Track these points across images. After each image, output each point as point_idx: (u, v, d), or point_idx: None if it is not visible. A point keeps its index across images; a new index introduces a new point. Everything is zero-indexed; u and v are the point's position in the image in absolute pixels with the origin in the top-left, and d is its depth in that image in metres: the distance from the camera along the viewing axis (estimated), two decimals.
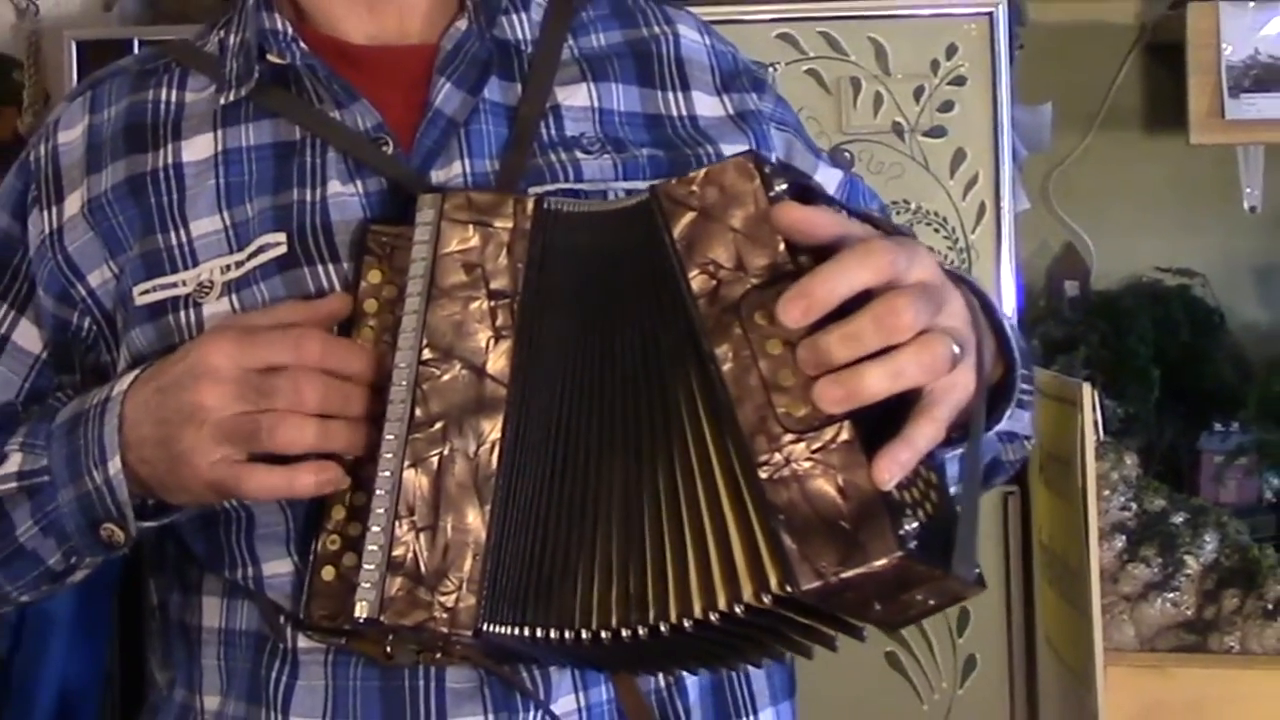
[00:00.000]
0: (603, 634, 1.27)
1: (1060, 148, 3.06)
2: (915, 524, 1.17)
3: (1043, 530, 2.44)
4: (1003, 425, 1.40)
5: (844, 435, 1.19)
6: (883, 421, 1.19)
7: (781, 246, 1.24)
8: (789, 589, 1.18)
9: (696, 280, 1.25)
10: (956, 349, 1.19)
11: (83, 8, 2.94)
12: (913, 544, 1.15)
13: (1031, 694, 2.52)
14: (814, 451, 1.20)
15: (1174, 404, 2.90)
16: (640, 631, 1.26)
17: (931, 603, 1.21)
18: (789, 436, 1.20)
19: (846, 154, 2.51)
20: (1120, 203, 3.22)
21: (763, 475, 1.20)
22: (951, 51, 2.52)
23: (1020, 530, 2.47)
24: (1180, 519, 2.42)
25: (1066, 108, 2.98)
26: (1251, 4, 2.82)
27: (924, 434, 1.19)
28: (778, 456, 1.20)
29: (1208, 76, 2.80)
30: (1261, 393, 2.70)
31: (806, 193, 1.28)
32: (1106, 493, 2.40)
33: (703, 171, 1.27)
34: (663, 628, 1.25)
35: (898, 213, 2.49)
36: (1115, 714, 2.23)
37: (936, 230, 2.51)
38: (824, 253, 1.20)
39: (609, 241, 1.34)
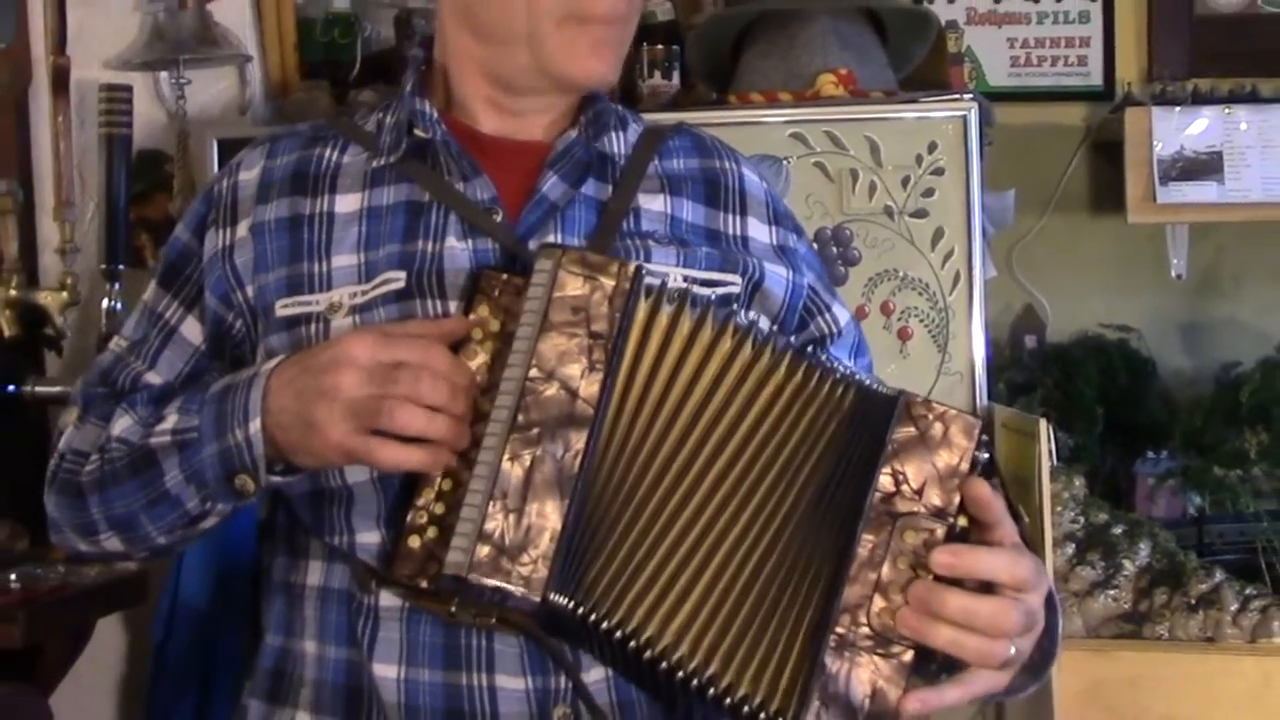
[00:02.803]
0: (646, 651, 1.32)
1: (1021, 226, 3.06)
2: None
3: None
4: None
5: (906, 657, 1.28)
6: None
7: (955, 500, 1.30)
8: None
9: (884, 477, 1.30)
10: (1012, 652, 1.30)
11: (222, 111, 2.97)
12: None
13: None
14: (877, 651, 1.28)
15: (1114, 436, 2.93)
16: (676, 666, 1.32)
17: None
18: (866, 629, 1.28)
19: (847, 231, 2.52)
20: (1070, 271, 3.25)
21: (832, 640, 1.28)
22: (932, 147, 2.53)
23: None
24: (1119, 530, 2.47)
25: (1026, 193, 2.97)
26: (1178, 109, 2.86)
27: (952, 697, 1.31)
28: (850, 635, 1.28)
29: (1142, 168, 2.85)
30: (1185, 427, 2.72)
31: (991, 462, 1.34)
32: (1059, 508, 2.45)
33: (942, 407, 1.32)
34: (694, 681, 1.31)
35: (888, 279, 2.51)
36: (1066, 689, 2.28)
37: (920, 294, 2.52)
38: (978, 520, 1.31)
39: (859, 408, 1.36)
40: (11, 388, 2.69)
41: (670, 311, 1.40)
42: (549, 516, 1.32)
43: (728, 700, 1.31)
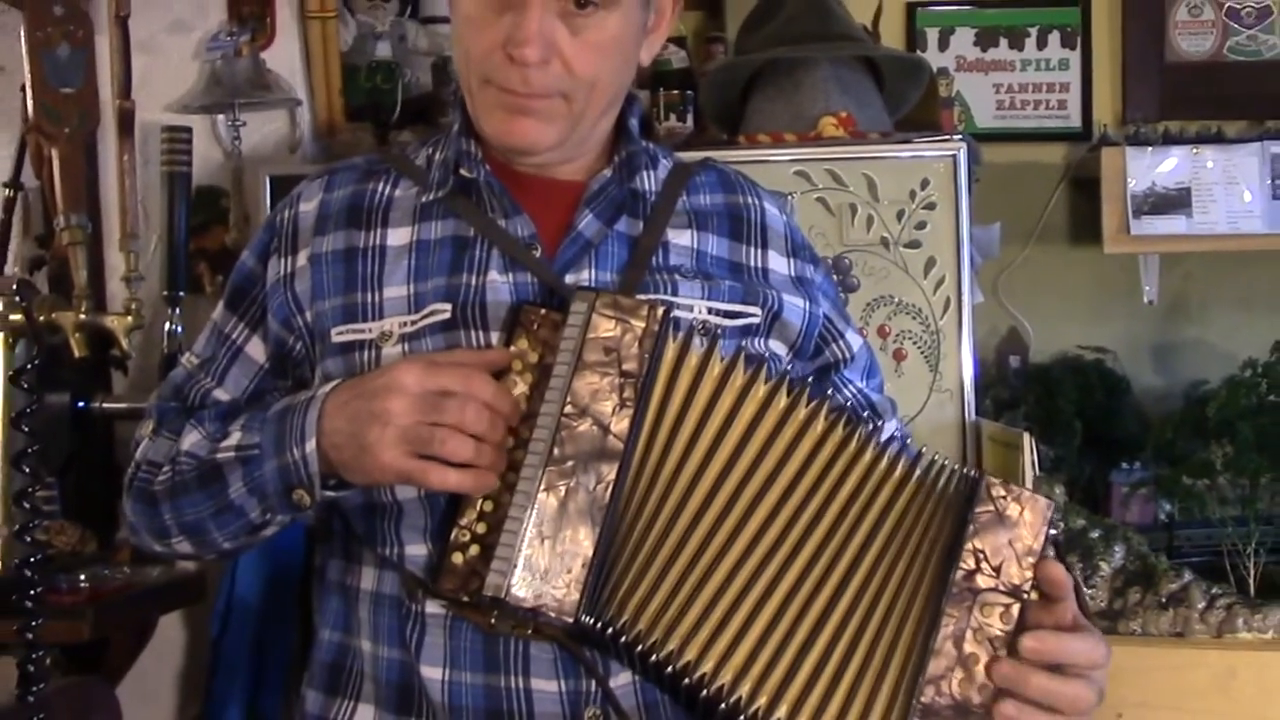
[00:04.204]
0: (703, 690, 1.32)
1: (1006, 256, 3.08)
2: None
3: None
4: None
5: None
6: None
7: (1029, 575, 1.30)
8: None
9: (967, 555, 1.30)
10: None
11: (274, 150, 3.00)
12: None
13: None
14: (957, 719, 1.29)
15: (1091, 448, 2.94)
16: (737, 706, 1.31)
17: None
18: (948, 700, 1.28)
19: (846, 260, 2.53)
20: (1051, 297, 3.26)
21: (918, 707, 1.28)
22: (925, 184, 2.54)
23: None
24: (1096, 534, 2.45)
25: (1011, 226, 3.01)
26: (1150, 149, 2.90)
27: None
28: (933, 704, 1.28)
29: (1117, 203, 2.89)
30: (1157, 440, 2.71)
31: (1058, 540, 1.37)
32: None
33: (1020, 490, 1.31)
34: None
35: (884, 304, 2.52)
36: None
37: (914, 318, 2.53)
38: (1047, 595, 1.32)
39: (946, 490, 1.36)
40: (82, 404, 2.72)
41: (700, 353, 1.41)
42: (581, 544, 1.34)
43: None
